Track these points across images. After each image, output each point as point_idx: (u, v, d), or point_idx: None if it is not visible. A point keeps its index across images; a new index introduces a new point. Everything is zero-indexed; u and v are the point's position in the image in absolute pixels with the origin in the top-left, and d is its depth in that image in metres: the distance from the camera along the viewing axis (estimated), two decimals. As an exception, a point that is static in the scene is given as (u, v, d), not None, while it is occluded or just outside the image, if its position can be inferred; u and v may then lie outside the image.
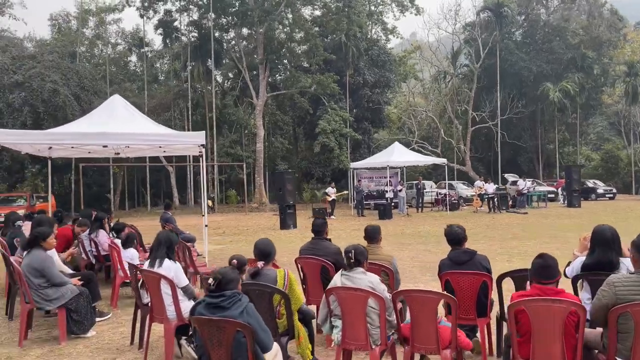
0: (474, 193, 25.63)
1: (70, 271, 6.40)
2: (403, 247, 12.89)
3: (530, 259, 3.44)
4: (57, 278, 5.41)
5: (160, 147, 10.04)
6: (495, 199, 23.72)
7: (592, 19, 41.76)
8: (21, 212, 20.97)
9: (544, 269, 3.26)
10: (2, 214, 20.61)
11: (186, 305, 4.74)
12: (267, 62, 33.30)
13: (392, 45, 44.97)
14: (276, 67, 34.01)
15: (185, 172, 37.63)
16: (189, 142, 8.91)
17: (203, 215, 9.73)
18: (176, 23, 37.36)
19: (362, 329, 3.76)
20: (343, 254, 3.95)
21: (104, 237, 7.92)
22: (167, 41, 37.81)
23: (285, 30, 34.72)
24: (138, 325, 5.34)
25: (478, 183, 25.90)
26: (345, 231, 17.32)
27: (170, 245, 4.79)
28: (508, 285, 4.54)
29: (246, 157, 34.73)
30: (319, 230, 5.28)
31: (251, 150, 35.75)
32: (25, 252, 5.64)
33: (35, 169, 34.92)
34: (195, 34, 36.03)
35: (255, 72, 34.81)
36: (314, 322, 4.44)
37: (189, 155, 32.97)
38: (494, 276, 4.42)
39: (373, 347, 3.76)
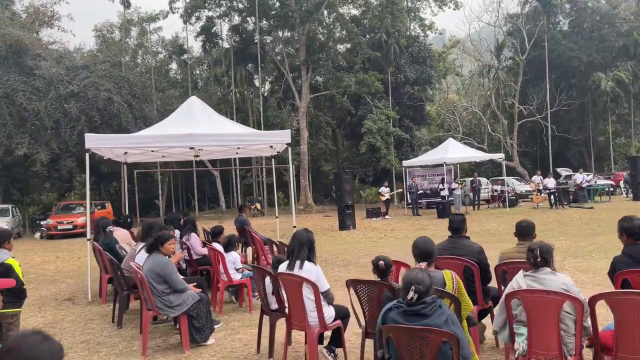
0: (532, 189, 24.78)
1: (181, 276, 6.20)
2: (485, 246, 12.28)
3: None
4: (179, 284, 5.20)
5: (238, 147, 9.84)
6: (557, 194, 22.80)
7: (644, 4, 39.99)
8: (81, 220, 21.37)
9: None
10: (65, 222, 21.06)
11: (327, 310, 4.43)
12: (310, 63, 33.09)
13: (429, 41, 44.17)
14: (318, 67, 33.74)
15: (228, 176, 37.82)
16: (276, 141, 8.65)
17: (273, 215, 9.43)
18: (217, 29, 37.65)
19: (555, 337, 3.35)
20: (527, 252, 3.55)
21: (196, 241, 7.73)
22: (207, 47, 38.09)
23: (324, 31, 34.47)
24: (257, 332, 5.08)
25: (536, 178, 25.02)
26: (408, 231, 16.87)
27: (311, 246, 4.50)
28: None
29: (291, 159, 34.55)
30: (458, 227, 4.89)
31: (295, 152, 35.57)
32: (145, 257, 5.46)
33: (82, 177, 35.62)
34: (237, 39, 36.16)
35: (296, 74, 34.68)
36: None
37: (233, 159, 33.11)
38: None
39: (568, 357, 3.35)
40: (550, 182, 22.93)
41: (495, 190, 25.46)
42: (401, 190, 24.07)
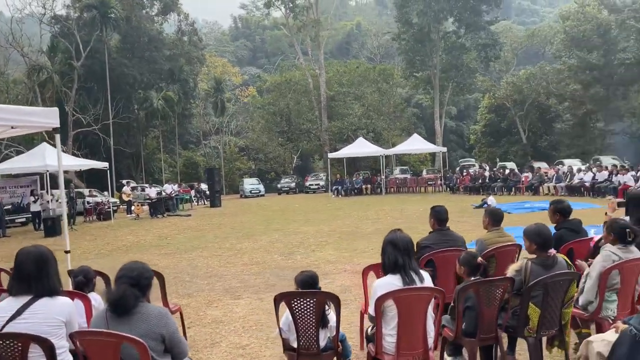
0: (125, 199, 24.16)
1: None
2: (206, 253, 11.34)
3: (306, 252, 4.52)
4: (186, 346, 2.84)
5: None
6: (157, 204, 23.04)
7: (182, 35, 45.43)
8: None
9: None
10: None
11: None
12: None
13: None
14: None
15: None
16: (41, 123, 5.39)
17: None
18: None
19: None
20: (622, 229, 3.99)
21: None
22: None
23: None
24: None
25: (126, 189, 24.52)
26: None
27: (413, 248, 3.49)
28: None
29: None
30: (446, 218, 4.81)
31: None
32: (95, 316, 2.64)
33: None
34: None
35: None
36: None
37: None
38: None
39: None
40: (153, 192, 22.99)
41: (89, 203, 23.27)
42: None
